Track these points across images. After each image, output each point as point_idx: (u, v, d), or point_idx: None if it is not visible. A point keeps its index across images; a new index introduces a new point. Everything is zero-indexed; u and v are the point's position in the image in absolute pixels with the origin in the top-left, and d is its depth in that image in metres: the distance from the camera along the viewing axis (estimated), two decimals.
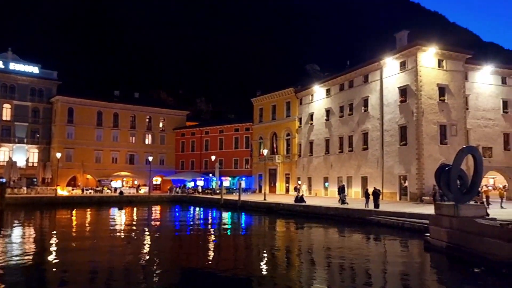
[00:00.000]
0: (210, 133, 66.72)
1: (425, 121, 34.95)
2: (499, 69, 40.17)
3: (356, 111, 42.80)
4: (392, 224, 24.24)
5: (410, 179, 35.27)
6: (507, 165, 38.94)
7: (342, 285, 12.52)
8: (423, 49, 35.35)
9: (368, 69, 41.30)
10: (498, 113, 39.63)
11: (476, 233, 14.77)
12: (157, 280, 12.79)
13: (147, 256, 16.97)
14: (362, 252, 18.21)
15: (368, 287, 12.39)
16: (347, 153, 43.86)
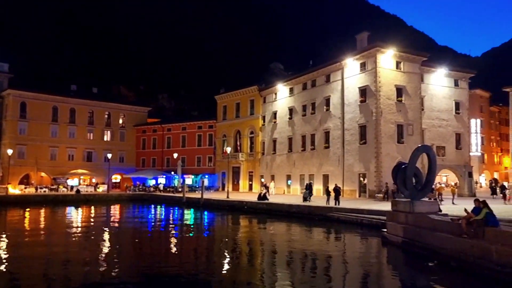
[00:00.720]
0: (173, 130, 65.64)
1: (383, 121, 36.14)
2: (452, 72, 42.23)
3: (318, 110, 43.57)
4: (352, 221, 24.91)
5: (369, 176, 36.38)
6: (458, 163, 41.07)
7: (303, 281, 12.69)
8: (382, 51, 36.50)
9: (330, 69, 42.14)
10: (451, 114, 41.67)
11: (429, 228, 15.47)
12: (115, 282, 12.40)
13: (105, 257, 16.41)
14: (323, 248, 18.60)
15: (328, 282, 12.64)
16: (309, 151, 44.59)
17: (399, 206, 18.13)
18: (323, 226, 25.00)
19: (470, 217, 13.46)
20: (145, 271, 14.08)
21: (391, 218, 18.40)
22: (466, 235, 13.20)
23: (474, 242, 12.70)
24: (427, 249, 14.79)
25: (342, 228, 24.11)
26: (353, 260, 16.09)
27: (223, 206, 37.41)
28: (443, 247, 13.95)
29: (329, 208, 28.32)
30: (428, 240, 15.03)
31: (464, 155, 42.07)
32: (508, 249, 11.28)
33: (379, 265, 15.63)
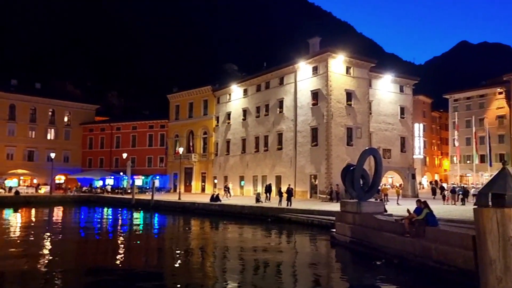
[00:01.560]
0: (122, 129, 63.44)
1: (334, 124, 37.21)
2: (398, 79, 44.39)
3: (271, 112, 44.01)
4: (303, 221, 25.35)
5: (320, 178, 37.28)
6: (402, 165, 43.20)
7: (253, 282, 12.69)
8: (333, 56, 37.58)
9: (283, 72, 42.73)
10: (396, 118, 43.76)
11: (375, 228, 16.07)
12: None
13: (47, 262, 15.44)
14: (274, 249, 18.74)
15: (277, 282, 12.72)
16: (262, 153, 44.90)
17: (347, 207, 18.69)
18: (275, 227, 25.24)
19: (412, 217, 14.13)
20: (90, 279, 13.39)
21: (340, 218, 18.92)
22: (408, 234, 13.83)
23: (415, 241, 13.34)
24: (373, 248, 15.33)
25: (293, 228, 24.45)
26: (302, 260, 16.36)
27: (175, 208, 36.69)
28: (388, 246, 14.52)
29: (281, 209, 28.65)
30: (374, 239, 15.59)
31: (408, 157, 44.33)
32: (446, 247, 11.95)
33: (327, 265, 15.98)
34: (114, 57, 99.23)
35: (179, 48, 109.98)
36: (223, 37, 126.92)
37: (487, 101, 58.10)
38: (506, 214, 3.24)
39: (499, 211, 3.31)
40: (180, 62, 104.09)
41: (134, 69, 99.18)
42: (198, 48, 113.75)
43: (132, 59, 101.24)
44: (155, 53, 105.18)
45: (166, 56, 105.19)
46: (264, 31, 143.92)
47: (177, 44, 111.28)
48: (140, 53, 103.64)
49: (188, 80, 69.07)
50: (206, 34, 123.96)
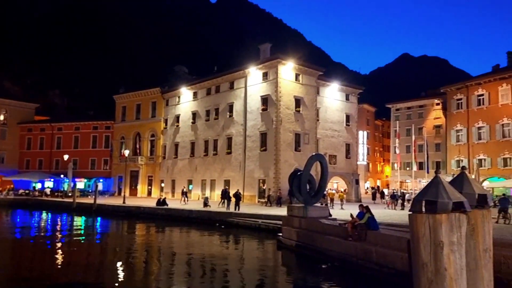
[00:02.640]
0: (64, 129, 60.15)
1: (283, 129, 37.79)
2: (344, 87, 46.07)
3: (221, 116, 43.85)
4: (250, 226, 25.39)
5: (268, 182, 37.62)
6: (347, 171, 44.80)
7: (200, 286, 12.47)
8: (283, 62, 38.24)
9: (234, 76, 42.77)
10: (342, 126, 45.34)
11: (320, 232, 16.48)
12: None
13: None
14: (221, 254, 18.58)
15: (224, 286, 12.62)
16: (211, 157, 44.55)
17: (294, 211, 19.01)
18: (223, 232, 25.08)
19: (355, 221, 14.65)
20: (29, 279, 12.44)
21: (287, 222, 19.19)
22: (351, 238, 14.33)
23: (357, 244, 13.83)
24: (318, 252, 15.69)
25: (241, 233, 24.42)
26: (249, 264, 16.36)
27: (119, 212, 35.30)
28: (332, 249, 14.94)
29: (229, 213, 28.53)
30: (319, 243, 15.96)
31: (353, 163, 46.07)
32: (385, 250, 12.50)
33: (273, 268, 16.11)
34: (56, 54, 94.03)
35: (126, 49, 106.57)
36: (172, 39, 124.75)
37: (425, 111, 61.95)
38: (437, 220, 3.41)
39: (431, 217, 3.47)
40: (127, 63, 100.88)
41: (78, 67, 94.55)
42: (146, 49, 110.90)
43: (76, 57, 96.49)
44: (102, 52, 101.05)
45: (112, 56, 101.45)
46: (214, 35, 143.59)
47: (124, 45, 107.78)
48: (86, 51, 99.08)
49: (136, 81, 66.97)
50: (154, 35, 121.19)
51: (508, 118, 43.99)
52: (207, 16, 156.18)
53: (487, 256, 3.63)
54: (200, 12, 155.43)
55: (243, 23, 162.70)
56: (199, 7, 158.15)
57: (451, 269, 3.36)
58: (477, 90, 47.53)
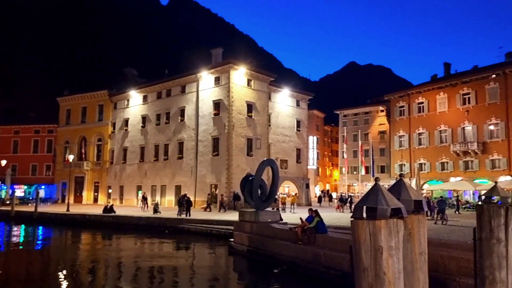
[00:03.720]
0: (2, 133, 56.12)
1: (235, 134, 37.84)
2: (295, 93, 47.09)
3: (172, 120, 43.10)
4: (202, 231, 25.09)
5: (220, 187, 37.44)
6: (298, 175, 45.70)
7: None
8: (235, 67, 38.38)
9: (185, 80, 42.25)
10: (293, 131, 46.26)
11: (271, 237, 16.62)
12: None
13: None
14: (171, 261, 18.18)
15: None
16: (162, 162, 43.59)
17: (245, 216, 19.02)
18: (173, 238, 24.56)
19: (304, 225, 14.95)
20: None
21: (238, 228, 19.16)
22: (301, 242, 14.59)
23: (307, 248, 14.11)
24: (269, 256, 15.80)
25: (192, 239, 24.06)
26: (200, 270, 16.14)
27: (62, 220, 33.45)
28: (283, 253, 15.11)
29: (180, 219, 28.03)
30: (270, 247, 16.09)
31: (303, 168, 47.09)
32: (333, 252, 12.85)
33: (225, 274, 16.02)
34: None
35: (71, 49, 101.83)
36: (121, 41, 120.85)
37: (371, 117, 64.78)
38: (377, 226, 3.57)
39: (371, 223, 3.62)
40: (72, 64, 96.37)
41: (18, 67, 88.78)
42: (93, 50, 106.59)
43: (17, 55, 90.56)
44: (45, 52, 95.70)
45: (56, 57, 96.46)
46: (165, 37, 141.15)
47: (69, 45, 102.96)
48: (28, 49, 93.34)
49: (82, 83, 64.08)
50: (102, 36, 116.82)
51: (445, 125, 47.13)
52: (158, 18, 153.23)
53: (422, 259, 3.86)
54: (151, 14, 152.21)
55: (195, 27, 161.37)
56: (150, 9, 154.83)
57: (390, 273, 3.52)
58: (417, 98, 50.51)
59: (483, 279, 6.20)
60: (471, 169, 44.22)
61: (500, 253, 6.15)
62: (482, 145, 43.17)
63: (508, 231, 6.31)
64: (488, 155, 42.83)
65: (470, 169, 44.32)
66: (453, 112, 46.37)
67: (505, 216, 6.26)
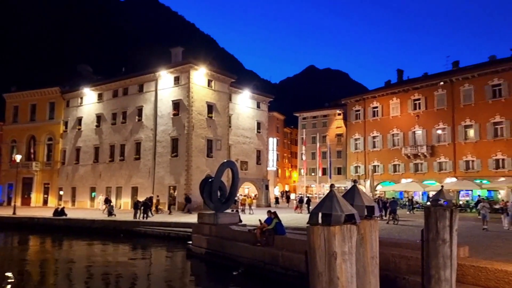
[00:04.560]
0: None
1: (195, 135, 37.45)
2: (256, 95, 47.37)
3: (129, 120, 41.95)
4: (159, 234, 24.59)
5: (179, 189, 36.89)
6: (257, 177, 45.97)
7: None
8: (195, 67, 38.00)
9: (143, 79, 41.27)
10: (253, 133, 46.50)
11: (230, 239, 16.61)
12: None
13: None
14: (127, 265, 17.67)
15: None
16: (118, 162, 42.30)
17: (204, 218, 18.89)
18: (130, 242, 23.90)
19: (263, 227, 15.06)
20: None
21: (197, 230, 18.98)
22: (259, 244, 14.68)
23: (265, 249, 14.23)
24: (228, 259, 15.76)
25: (149, 242, 23.51)
26: (156, 274, 15.83)
27: (8, 224, 31.50)
28: (242, 255, 15.13)
29: (137, 222, 27.35)
30: (229, 250, 16.06)
31: (263, 169, 47.44)
32: (291, 254, 13.05)
33: (182, 278, 15.79)
34: None
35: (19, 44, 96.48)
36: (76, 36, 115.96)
37: (329, 120, 66.46)
38: (331, 232, 3.68)
39: (326, 229, 3.73)
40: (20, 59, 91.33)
41: None
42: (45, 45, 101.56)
43: None
44: None
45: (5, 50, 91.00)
46: (123, 34, 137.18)
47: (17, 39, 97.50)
48: None
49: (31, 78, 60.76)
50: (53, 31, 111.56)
51: (397, 129, 49.26)
52: (115, 14, 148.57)
53: (374, 263, 4.03)
54: (109, 10, 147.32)
55: (154, 25, 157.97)
56: (108, 5, 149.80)
57: (343, 277, 3.64)
58: (372, 103, 52.44)
59: (430, 278, 6.55)
60: (420, 171, 46.50)
61: (445, 253, 6.53)
62: (431, 149, 45.53)
63: (452, 232, 6.72)
64: (436, 158, 45.24)
65: (419, 171, 46.59)
66: (405, 116, 48.56)
67: (450, 218, 6.66)
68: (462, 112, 43.42)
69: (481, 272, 8.83)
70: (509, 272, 8.43)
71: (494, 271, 8.66)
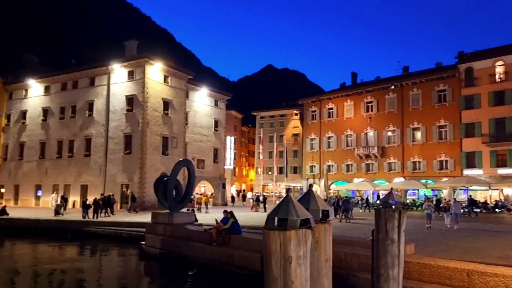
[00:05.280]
0: None
1: (149, 132, 36.53)
2: (213, 93, 47.02)
3: (79, 115, 40.17)
4: (110, 234, 23.77)
5: (132, 187, 35.83)
6: (214, 175, 45.69)
7: None
8: (151, 62, 37.03)
9: (95, 72, 39.66)
10: (211, 131, 46.13)
11: (186, 239, 16.36)
12: None
13: None
14: (75, 268, 16.89)
15: None
16: (66, 159, 40.39)
17: (158, 218, 18.47)
18: (78, 243, 22.89)
19: (219, 227, 14.98)
20: None
21: (151, 230, 18.52)
22: (215, 243, 14.59)
23: (221, 249, 14.16)
24: (183, 259, 15.50)
25: (99, 243, 22.64)
26: (108, 277, 15.27)
27: None
28: (197, 255, 14.95)
29: (86, 222, 26.26)
30: (184, 250, 15.81)
31: (220, 168, 47.22)
32: (247, 253, 13.08)
33: (135, 280, 15.37)
34: None
35: None
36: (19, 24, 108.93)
37: (286, 120, 67.33)
38: (287, 236, 3.71)
39: (282, 233, 3.75)
40: None
41: None
42: None
43: None
44: None
45: None
46: (74, 25, 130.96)
47: None
48: None
49: None
50: None
51: (351, 130, 50.89)
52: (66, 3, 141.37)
53: (327, 265, 4.12)
54: None
55: (107, 16, 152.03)
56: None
57: (297, 281, 3.68)
58: (328, 104, 53.80)
59: (379, 277, 6.81)
60: (371, 171, 48.37)
61: (393, 252, 6.83)
62: (381, 150, 47.48)
63: (400, 233, 7.04)
64: (386, 159, 47.25)
65: (370, 171, 48.45)
66: (358, 118, 50.27)
67: (398, 219, 6.97)
68: (410, 115, 45.63)
69: (425, 268, 9.32)
70: (450, 268, 8.96)
71: (436, 268, 9.17)
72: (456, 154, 41.79)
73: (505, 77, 39.28)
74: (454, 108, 42.28)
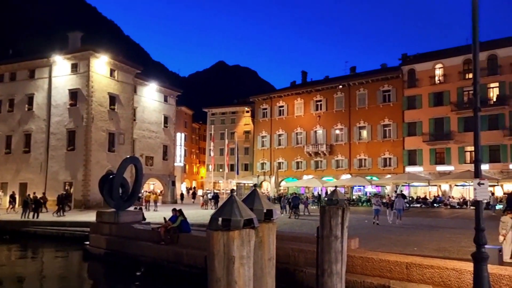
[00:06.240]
0: None
1: (94, 128, 35.03)
2: (163, 88, 45.96)
3: (18, 109, 37.67)
4: (52, 235, 22.57)
5: (76, 185, 34.23)
6: (164, 172, 44.76)
7: None
8: (96, 55, 35.49)
9: (35, 64, 37.35)
10: (160, 127, 45.08)
11: (132, 238, 15.92)
12: None
13: None
14: (11, 272, 15.83)
15: None
16: (3, 156, 37.78)
17: (103, 217, 17.81)
18: (16, 244, 21.49)
19: (168, 225, 14.73)
20: None
21: (95, 230, 17.82)
22: (163, 242, 14.33)
23: (169, 248, 13.95)
24: (130, 259, 15.07)
25: (40, 244, 21.42)
26: (48, 281, 14.47)
27: None
28: (144, 255, 14.60)
29: (25, 222, 24.74)
30: (131, 249, 15.38)
31: (170, 165, 46.32)
32: (195, 251, 12.98)
33: (78, 282, 14.71)
34: None
35: None
36: None
37: (237, 117, 67.45)
38: (230, 237, 3.73)
39: (225, 234, 3.77)
40: None
41: None
42: None
43: None
44: None
45: None
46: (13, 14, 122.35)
47: None
48: None
49: None
50: None
51: (301, 128, 52.04)
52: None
53: (271, 264, 4.20)
54: None
55: (50, 4, 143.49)
56: None
57: (241, 281, 3.71)
58: (279, 102, 54.59)
59: (323, 272, 7.06)
60: (320, 168, 49.80)
61: (337, 248, 7.10)
62: (330, 147, 49.03)
63: (343, 229, 7.32)
64: (334, 156, 48.87)
65: (319, 168, 49.88)
66: (308, 116, 51.50)
67: (341, 216, 7.25)
68: (357, 114, 47.48)
69: (368, 262, 9.77)
70: (391, 261, 9.46)
71: (378, 261, 9.65)
72: (399, 152, 44.12)
73: (444, 79, 42.01)
74: (398, 108, 44.57)
